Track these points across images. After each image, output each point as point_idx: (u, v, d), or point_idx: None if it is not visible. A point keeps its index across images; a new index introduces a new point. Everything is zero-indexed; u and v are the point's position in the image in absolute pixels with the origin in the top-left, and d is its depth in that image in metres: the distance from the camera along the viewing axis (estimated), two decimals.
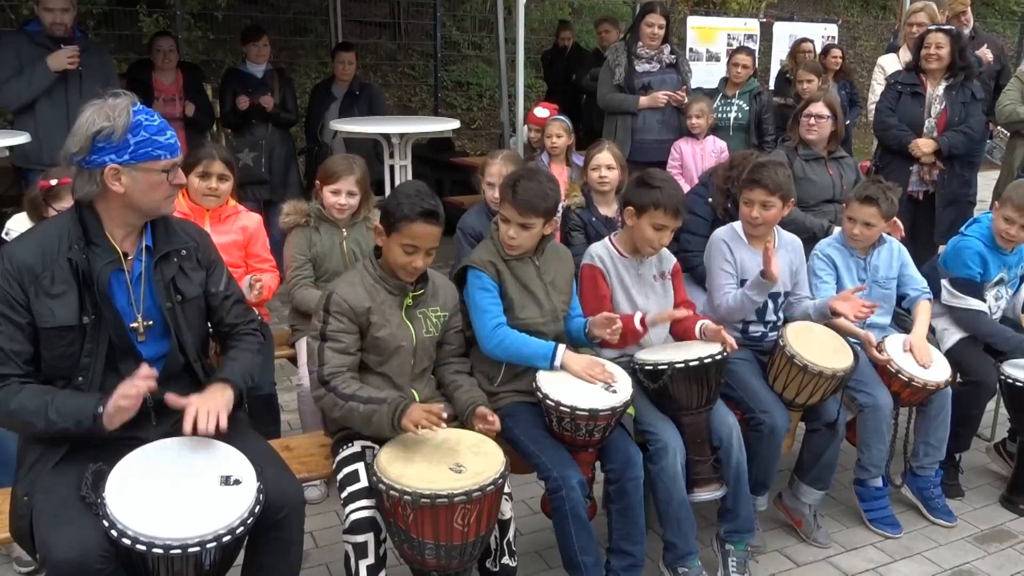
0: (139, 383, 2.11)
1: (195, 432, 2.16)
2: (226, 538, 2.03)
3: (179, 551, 1.97)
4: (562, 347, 2.86)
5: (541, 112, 5.43)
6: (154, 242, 2.34)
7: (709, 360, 2.93)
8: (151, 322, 2.31)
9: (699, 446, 3.01)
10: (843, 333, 3.37)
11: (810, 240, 3.82)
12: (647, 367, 2.98)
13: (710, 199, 4.10)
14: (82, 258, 2.20)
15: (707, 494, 3.00)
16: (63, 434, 2.17)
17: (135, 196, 2.22)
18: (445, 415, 2.47)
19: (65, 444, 2.22)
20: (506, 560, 2.66)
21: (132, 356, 2.28)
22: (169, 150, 2.25)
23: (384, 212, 2.65)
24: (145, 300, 2.31)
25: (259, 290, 3.33)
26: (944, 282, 3.74)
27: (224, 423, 2.20)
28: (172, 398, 2.21)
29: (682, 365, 2.92)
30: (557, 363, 2.83)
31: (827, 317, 3.34)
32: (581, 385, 2.79)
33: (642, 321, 3.03)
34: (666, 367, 2.93)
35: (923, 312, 3.60)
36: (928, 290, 3.66)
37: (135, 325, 2.30)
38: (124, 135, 2.16)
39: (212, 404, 2.22)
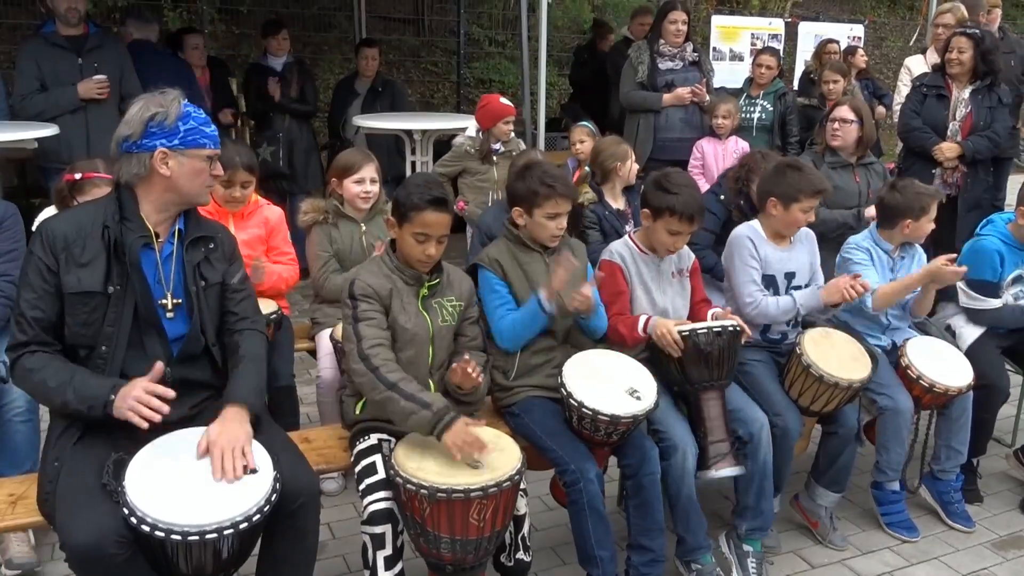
0: (155, 404, 2.18)
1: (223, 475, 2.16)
2: (243, 525, 2.05)
3: (196, 538, 2.00)
4: (540, 291, 2.82)
5: (506, 100, 5.20)
6: (186, 228, 2.45)
7: (731, 329, 2.95)
8: (179, 300, 2.40)
9: (717, 424, 2.98)
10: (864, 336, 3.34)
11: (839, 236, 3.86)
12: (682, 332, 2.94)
13: (722, 196, 4.09)
14: (116, 229, 2.30)
15: (725, 471, 2.96)
16: (77, 415, 2.24)
17: (179, 180, 2.34)
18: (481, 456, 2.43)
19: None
20: (520, 555, 2.67)
21: (156, 332, 2.36)
22: (213, 140, 2.40)
23: (395, 204, 2.69)
24: (174, 279, 2.40)
25: (262, 272, 3.38)
26: (960, 284, 3.70)
27: (251, 461, 2.19)
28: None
29: (720, 329, 2.93)
30: (546, 306, 2.81)
31: (820, 305, 3.29)
32: (606, 387, 2.79)
33: (644, 327, 3.01)
34: (704, 331, 2.92)
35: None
36: None
37: (164, 301, 2.37)
38: (176, 122, 2.32)
39: (235, 442, 2.20)
